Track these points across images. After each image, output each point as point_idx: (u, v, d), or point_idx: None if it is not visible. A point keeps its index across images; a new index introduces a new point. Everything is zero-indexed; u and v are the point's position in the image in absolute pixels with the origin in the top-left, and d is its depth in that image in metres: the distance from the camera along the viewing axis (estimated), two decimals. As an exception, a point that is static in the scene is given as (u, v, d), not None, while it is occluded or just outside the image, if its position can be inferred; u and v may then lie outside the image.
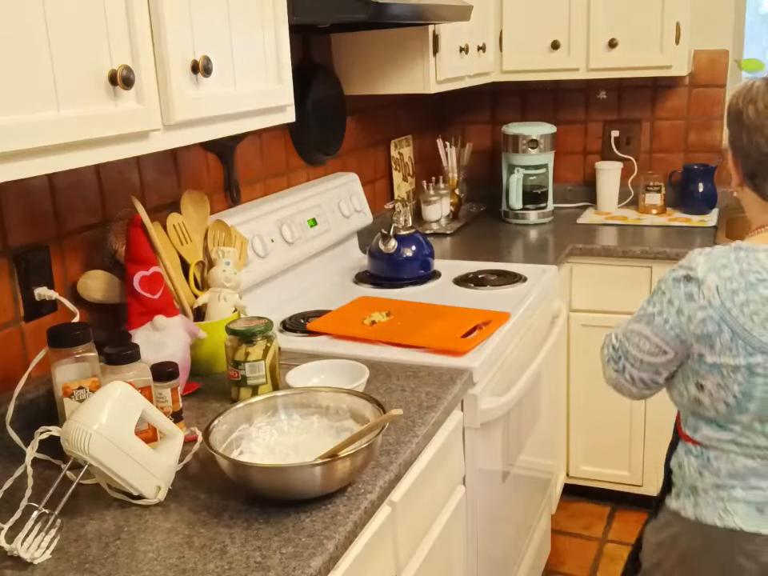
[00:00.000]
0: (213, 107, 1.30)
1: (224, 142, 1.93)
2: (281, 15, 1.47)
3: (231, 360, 1.50)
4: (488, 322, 1.84)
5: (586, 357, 2.68)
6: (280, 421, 1.33)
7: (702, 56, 2.94)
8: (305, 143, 2.29)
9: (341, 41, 2.42)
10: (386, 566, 1.30)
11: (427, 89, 2.35)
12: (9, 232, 1.40)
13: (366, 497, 1.18)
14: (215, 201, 1.94)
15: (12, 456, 1.32)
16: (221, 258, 1.67)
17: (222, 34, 1.31)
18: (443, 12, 2.03)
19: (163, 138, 1.21)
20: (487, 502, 1.82)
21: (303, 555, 1.05)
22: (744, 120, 1.30)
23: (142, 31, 1.13)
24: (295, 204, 2.16)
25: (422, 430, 1.39)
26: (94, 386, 1.31)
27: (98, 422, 1.13)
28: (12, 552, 1.06)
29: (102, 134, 1.07)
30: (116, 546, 1.09)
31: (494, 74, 2.84)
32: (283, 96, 1.50)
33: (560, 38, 2.73)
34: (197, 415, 1.48)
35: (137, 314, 1.49)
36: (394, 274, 2.23)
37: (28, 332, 1.45)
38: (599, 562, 2.60)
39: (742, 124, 1.30)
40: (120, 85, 1.07)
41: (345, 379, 1.51)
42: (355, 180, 2.49)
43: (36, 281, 1.44)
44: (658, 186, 2.95)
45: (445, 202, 2.95)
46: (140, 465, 1.16)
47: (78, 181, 1.54)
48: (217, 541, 1.09)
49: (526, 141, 2.92)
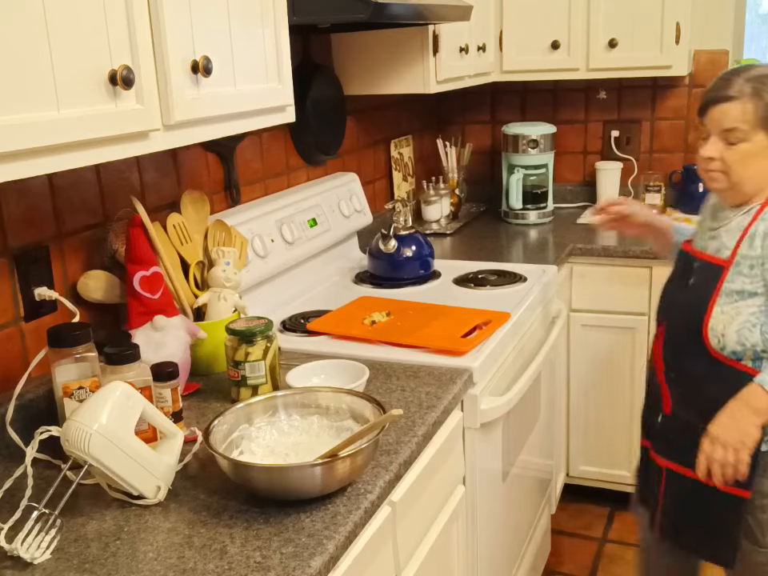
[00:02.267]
0: (213, 107, 1.30)
1: (224, 142, 1.93)
2: (281, 15, 1.47)
3: (231, 360, 1.50)
4: (488, 322, 1.84)
5: (585, 357, 2.68)
6: (280, 421, 1.33)
7: (701, 56, 2.95)
8: (305, 143, 2.29)
9: (341, 41, 2.42)
10: (386, 565, 1.30)
11: (427, 89, 2.35)
12: (9, 232, 1.40)
13: (366, 497, 1.18)
14: (215, 201, 1.94)
15: (12, 456, 1.32)
16: (221, 257, 1.67)
17: (222, 34, 1.31)
18: (443, 12, 2.03)
19: (163, 138, 1.21)
20: (487, 502, 1.82)
21: (303, 555, 1.05)
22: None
23: (141, 31, 1.13)
24: (295, 204, 2.16)
25: (421, 429, 1.39)
26: (94, 386, 1.31)
27: (98, 422, 1.12)
28: (12, 552, 1.06)
29: (102, 134, 1.07)
30: (116, 546, 1.09)
31: (494, 74, 2.84)
32: (283, 96, 1.50)
33: (560, 38, 2.73)
34: (197, 415, 1.48)
35: (137, 314, 1.49)
36: (394, 274, 2.23)
37: (28, 332, 1.45)
38: (599, 562, 2.60)
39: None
40: (120, 85, 1.07)
41: (345, 379, 1.51)
42: (355, 180, 2.49)
43: (36, 281, 1.44)
44: (658, 186, 2.95)
45: (445, 202, 2.95)
46: (140, 465, 1.16)
47: (78, 181, 1.54)
48: (217, 541, 1.09)
49: (526, 141, 2.92)
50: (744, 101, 1.51)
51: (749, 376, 1.54)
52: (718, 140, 1.57)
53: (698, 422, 1.60)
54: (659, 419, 1.74)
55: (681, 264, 1.74)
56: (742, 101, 1.51)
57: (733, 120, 1.52)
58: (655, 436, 1.77)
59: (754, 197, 1.59)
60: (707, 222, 1.71)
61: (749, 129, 1.52)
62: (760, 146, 1.53)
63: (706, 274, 1.63)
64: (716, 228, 1.65)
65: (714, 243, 1.64)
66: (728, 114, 1.53)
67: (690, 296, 1.65)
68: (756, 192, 1.58)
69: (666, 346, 1.71)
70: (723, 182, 1.59)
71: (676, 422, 1.70)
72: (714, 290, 1.59)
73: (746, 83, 1.51)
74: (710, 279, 1.61)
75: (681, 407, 1.68)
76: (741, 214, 1.60)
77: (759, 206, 1.58)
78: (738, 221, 1.60)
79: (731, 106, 1.53)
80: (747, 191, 1.58)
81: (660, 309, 1.77)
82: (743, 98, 1.51)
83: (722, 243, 1.61)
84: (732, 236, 1.60)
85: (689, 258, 1.70)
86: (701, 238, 1.70)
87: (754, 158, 1.54)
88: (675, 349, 1.69)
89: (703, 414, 1.59)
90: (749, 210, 1.59)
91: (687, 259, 1.71)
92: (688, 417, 1.65)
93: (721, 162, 1.57)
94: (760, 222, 1.56)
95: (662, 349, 1.72)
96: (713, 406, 1.56)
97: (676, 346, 1.68)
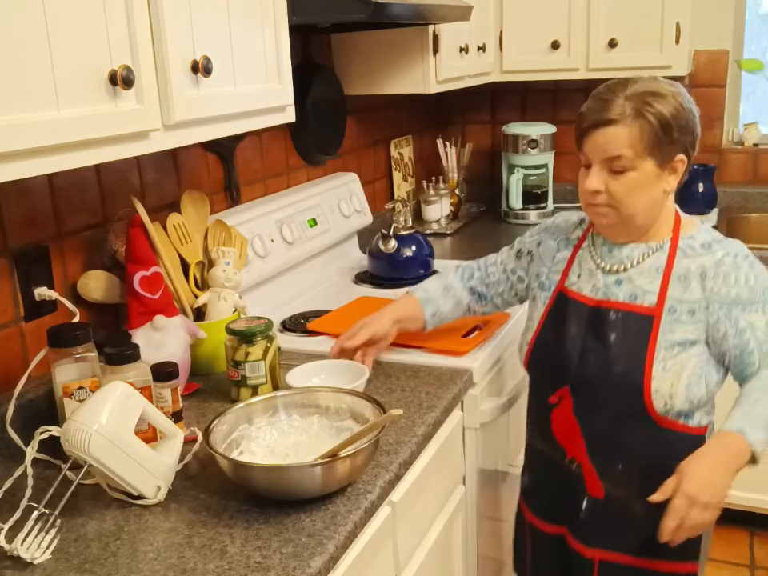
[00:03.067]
0: (213, 107, 1.30)
1: (224, 142, 1.92)
2: (281, 15, 1.47)
3: (231, 360, 1.50)
4: (488, 321, 1.84)
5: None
6: (280, 421, 1.33)
7: (701, 56, 2.95)
8: (305, 143, 2.29)
9: (341, 41, 2.42)
10: (386, 565, 1.30)
11: (427, 89, 2.35)
12: (9, 232, 1.40)
13: (365, 497, 1.18)
14: (215, 201, 1.94)
15: (12, 456, 1.32)
16: (221, 257, 1.67)
17: (222, 34, 1.31)
18: (443, 12, 2.03)
19: (163, 138, 1.21)
20: (487, 502, 1.82)
21: (303, 555, 1.05)
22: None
23: (141, 31, 1.13)
24: (295, 204, 2.16)
25: (421, 429, 1.39)
26: (94, 386, 1.31)
27: (98, 422, 1.12)
28: (12, 552, 1.06)
29: (102, 134, 1.07)
30: (116, 546, 1.09)
31: (494, 74, 2.83)
32: (283, 96, 1.50)
33: (560, 38, 2.73)
34: (197, 415, 1.48)
35: (137, 314, 1.49)
36: (394, 274, 2.23)
37: (28, 332, 1.45)
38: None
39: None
40: (120, 85, 1.07)
41: (345, 379, 1.51)
42: (355, 180, 2.49)
43: (36, 281, 1.44)
44: (658, 186, 2.95)
45: (445, 202, 2.95)
46: (140, 465, 1.16)
47: (78, 181, 1.54)
48: (217, 541, 1.09)
49: (525, 141, 2.92)
50: (628, 123, 1.29)
51: (699, 437, 1.37)
52: (601, 170, 1.33)
53: (639, 498, 1.37)
54: (584, 504, 1.46)
55: (575, 314, 1.44)
56: (626, 124, 1.29)
57: (617, 147, 1.30)
58: (580, 524, 1.48)
59: (649, 230, 1.39)
60: (596, 262, 1.44)
61: (634, 156, 1.30)
62: (649, 174, 1.32)
63: (630, 326, 1.37)
64: (619, 270, 1.40)
65: (625, 288, 1.39)
66: (611, 140, 1.30)
67: (617, 355, 1.36)
68: (650, 224, 1.38)
69: (583, 416, 1.42)
70: (612, 218, 1.36)
71: (610, 505, 1.43)
72: (649, 345, 1.34)
73: (627, 102, 1.29)
74: (638, 333, 1.36)
75: (616, 487, 1.42)
76: (652, 252, 1.39)
77: (670, 240, 1.39)
78: (650, 260, 1.39)
79: (614, 131, 1.30)
80: (640, 224, 1.37)
81: (551, 368, 1.46)
82: (626, 121, 1.29)
83: (638, 287, 1.38)
84: (649, 278, 1.38)
85: (590, 308, 1.41)
86: (593, 281, 1.43)
87: (643, 187, 1.33)
88: (603, 419, 1.40)
89: (645, 488, 1.32)
90: (661, 247, 1.39)
91: (589, 310, 1.42)
92: (627, 496, 1.41)
93: (607, 195, 1.34)
94: (687, 259, 1.37)
95: (577, 420, 1.43)
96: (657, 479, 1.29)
97: (604, 416, 1.39)
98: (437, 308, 1.66)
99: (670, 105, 1.31)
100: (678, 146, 1.33)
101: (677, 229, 1.40)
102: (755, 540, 2.70)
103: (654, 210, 1.37)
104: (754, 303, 1.33)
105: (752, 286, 1.33)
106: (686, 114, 1.33)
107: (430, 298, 1.66)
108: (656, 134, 1.30)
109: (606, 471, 1.43)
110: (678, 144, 1.33)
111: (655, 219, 1.38)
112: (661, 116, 1.29)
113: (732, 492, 1.27)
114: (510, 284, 1.65)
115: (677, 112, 1.31)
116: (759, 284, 1.34)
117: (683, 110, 1.33)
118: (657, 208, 1.37)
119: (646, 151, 1.30)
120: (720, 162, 3.00)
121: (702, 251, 1.37)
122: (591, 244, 1.47)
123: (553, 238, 1.55)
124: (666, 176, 1.35)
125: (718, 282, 1.34)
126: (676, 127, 1.31)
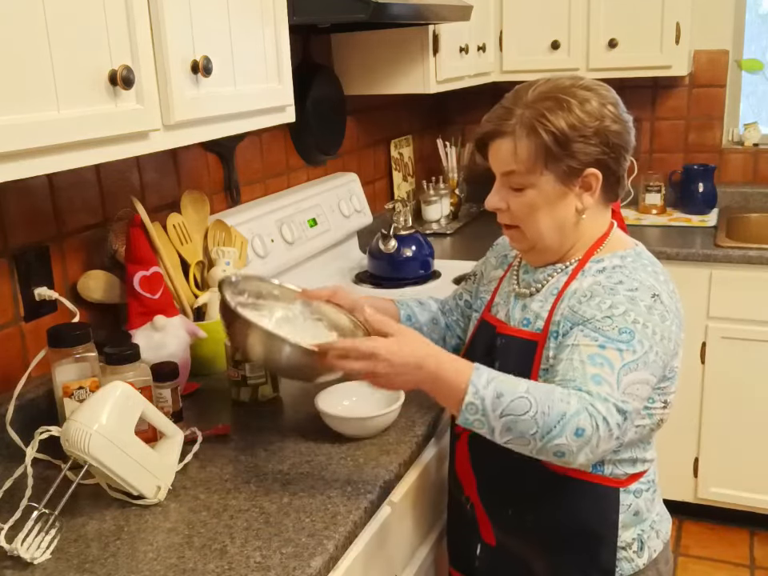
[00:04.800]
0: (213, 107, 1.30)
1: (224, 142, 1.92)
2: (281, 15, 1.47)
3: (231, 360, 1.50)
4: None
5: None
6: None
7: (701, 56, 2.95)
8: (305, 143, 2.29)
9: (341, 41, 2.42)
10: (386, 565, 1.30)
11: (427, 89, 2.35)
12: (9, 232, 1.40)
13: (365, 497, 1.18)
14: (215, 201, 1.94)
15: (12, 456, 1.32)
16: (221, 257, 1.67)
17: (222, 34, 1.31)
18: (443, 12, 2.03)
19: (163, 138, 1.21)
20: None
21: (303, 555, 1.05)
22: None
23: (141, 31, 1.13)
24: (295, 204, 2.16)
25: (421, 430, 1.39)
26: (94, 385, 1.31)
27: (98, 422, 1.12)
28: (12, 552, 1.06)
29: (102, 134, 1.07)
30: (116, 546, 1.09)
31: (494, 74, 2.84)
32: (283, 96, 1.50)
33: (560, 38, 2.74)
34: (197, 415, 1.48)
35: (137, 314, 1.49)
36: (394, 274, 2.23)
37: (28, 332, 1.45)
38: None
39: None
40: (120, 85, 1.07)
41: (381, 403, 1.38)
42: (355, 180, 2.49)
43: (36, 281, 1.44)
44: (658, 186, 2.95)
45: (445, 202, 2.95)
46: (140, 465, 1.16)
47: (78, 181, 1.54)
48: (217, 541, 1.09)
49: (525, 141, 2.91)
50: (517, 136, 1.15)
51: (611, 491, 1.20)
52: (502, 186, 1.21)
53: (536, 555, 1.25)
54: (479, 551, 1.33)
55: (483, 339, 1.31)
56: (515, 136, 1.15)
57: (507, 162, 1.17)
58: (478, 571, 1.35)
59: (567, 252, 1.23)
60: (513, 286, 1.31)
61: (526, 172, 1.16)
62: (549, 192, 1.17)
63: (511, 353, 1.23)
64: (526, 294, 1.26)
65: (522, 313, 1.25)
66: (503, 153, 1.18)
67: None
68: (563, 246, 1.22)
69: (474, 449, 1.28)
70: (523, 242, 1.23)
71: (503, 555, 1.29)
72: (532, 374, 1.18)
73: (526, 110, 1.15)
74: (519, 361, 1.20)
75: (507, 535, 1.28)
76: (556, 274, 1.24)
77: (577, 262, 1.22)
78: (550, 283, 1.24)
79: (505, 144, 1.17)
80: (553, 247, 1.22)
81: None
82: (516, 133, 1.15)
83: (532, 312, 1.23)
84: (545, 303, 1.22)
85: (492, 334, 1.28)
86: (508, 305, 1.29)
87: (546, 206, 1.18)
88: (492, 455, 1.19)
89: (544, 545, 1.22)
90: (565, 269, 1.23)
91: (491, 336, 1.29)
92: (519, 548, 1.27)
93: (509, 214, 1.21)
94: (576, 282, 1.20)
95: (469, 453, 1.30)
96: (557, 535, 1.18)
97: (494, 452, 1.13)
98: (412, 313, 1.47)
99: (573, 114, 1.13)
100: (582, 159, 1.15)
101: (591, 250, 1.22)
102: (755, 540, 2.70)
103: (565, 230, 1.21)
104: (596, 330, 1.11)
105: (608, 314, 1.11)
106: (599, 123, 1.14)
107: (406, 303, 1.49)
108: (548, 148, 1.14)
109: (495, 515, 1.28)
110: (583, 157, 1.15)
111: (570, 240, 1.22)
112: (555, 128, 1.13)
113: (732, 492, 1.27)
114: (461, 310, 1.49)
115: (580, 123, 1.13)
116: (618, 318, 1.11)
117: (591, 119, 1.14)
118: (568, 228, 1.20)
119: (539, 167, 1.15)
120: (720, 162, 3.00)
121: (594, 274, 1.19)
122: (518, 264, 1.33)
123: (495, 255, 1.43)
124: (576, 193, 1.18)
125: (581, 300, 1.16)
126: (578, 139, 1.14)
